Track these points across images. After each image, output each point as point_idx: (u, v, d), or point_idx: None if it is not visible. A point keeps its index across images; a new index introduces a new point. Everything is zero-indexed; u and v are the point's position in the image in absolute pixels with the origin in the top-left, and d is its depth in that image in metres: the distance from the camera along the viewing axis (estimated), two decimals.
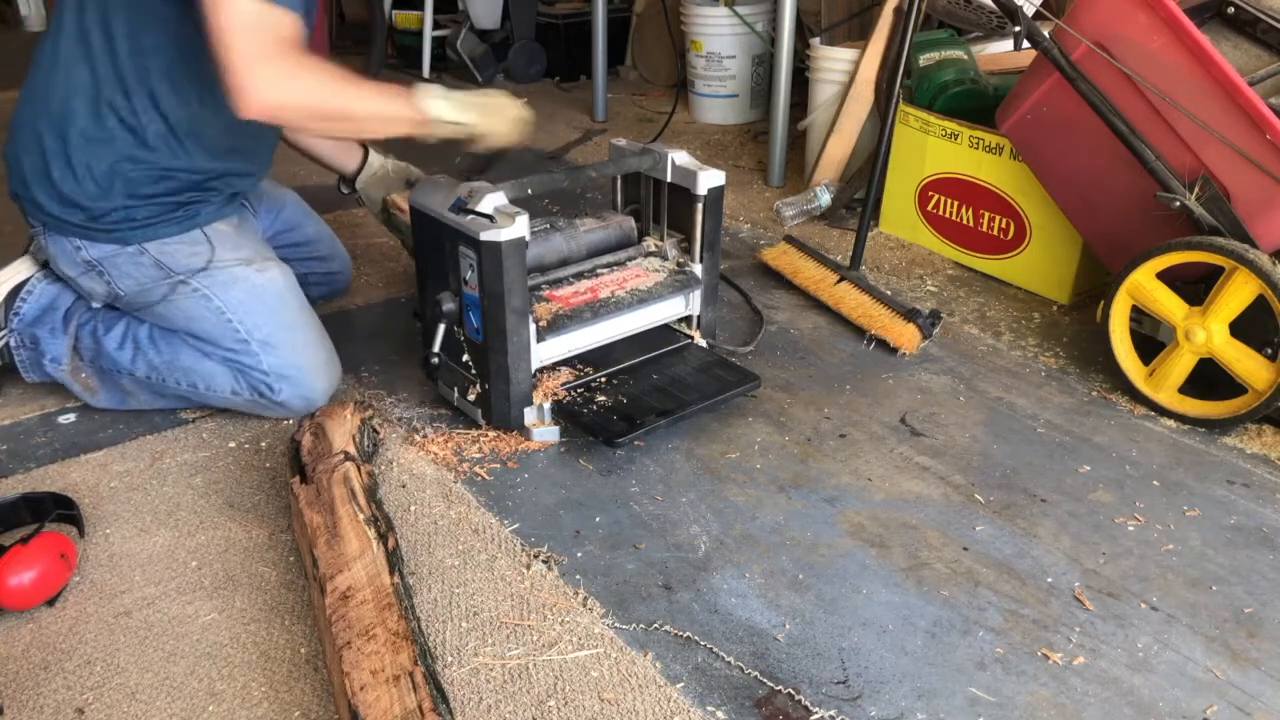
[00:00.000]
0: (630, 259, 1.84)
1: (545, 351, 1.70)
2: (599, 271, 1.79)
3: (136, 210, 1.62)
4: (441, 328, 1.67)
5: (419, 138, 1.60)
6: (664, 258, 1.85)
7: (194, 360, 1.69)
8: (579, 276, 1.77)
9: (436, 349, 1.67)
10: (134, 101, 1.55)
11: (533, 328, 1.63)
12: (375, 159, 2.05)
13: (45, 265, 1.77)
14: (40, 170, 1.59)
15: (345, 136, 1.54)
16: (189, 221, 1.67)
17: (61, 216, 1.61)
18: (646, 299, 1.76)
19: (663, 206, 1.87)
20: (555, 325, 1.65)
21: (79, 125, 1.55)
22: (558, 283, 1.74)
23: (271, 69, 1.41)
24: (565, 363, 1.78)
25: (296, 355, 1.69)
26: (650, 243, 1.89)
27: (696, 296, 1.87)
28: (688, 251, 1.85)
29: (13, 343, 1.74)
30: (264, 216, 1.95)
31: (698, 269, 1.83)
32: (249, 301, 1.67)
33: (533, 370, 1.67)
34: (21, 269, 1.76)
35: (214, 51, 1.39)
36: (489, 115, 1.63)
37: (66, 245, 1.65)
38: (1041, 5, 2.22)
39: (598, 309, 1.71)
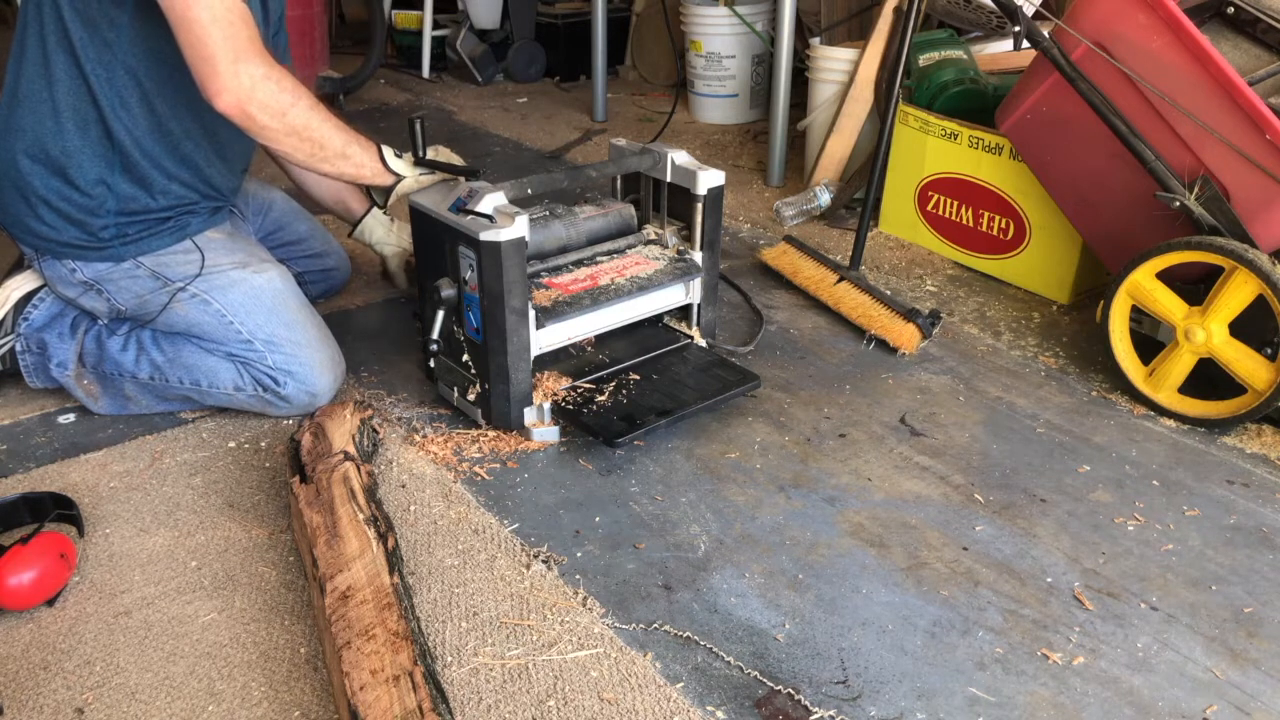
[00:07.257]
0: (630, 246, 1.84)
1: (545, 339, 1.70)
2: (599, 259, 1.79)
3: (128, 226, 1.63)
4: (441, 314, 1.67)
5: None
6: (664, 245, 1.85)
7: (197, 357, 1.69)
8: (579, 264, 1.77)
9: (436, 335, 1.67)
10: (107, 120, 1.56)
11: (532, 315, 1.63)
12: (377, 211, 2.07)
13: None
14: (25, 197, 1.60)
15: (305, 162, 1.57)
16: (180, 233, 1.68)
17: (53, 239, 1.62)
18: (647, 286, 1.76)
19: (663, 206, 1.88)
20: (555, 312, 1.65)
21: (57, 149, 1.56)
22: (557, 270, 1.74)
23: (253, 67, 1.43)
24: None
25: (300, 352, 1.69)
26: (650, 230, 1.89)
27: (697, 284, 1.86)
28: (688, 239, 1.84)
29: (18, 347, 1.74)
30: (253, 218, 1.95)
31: (697, 256, 1.83)
32: (248, 303, 1.68)
33: (533, 356, 1.67)
34: (33, 278, 1.77)
35: (187, 44, 1.40)
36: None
37: (61, 269, 1.66)
38: (1041, 5, 2.22)
39: (598, 296, 1.70)
